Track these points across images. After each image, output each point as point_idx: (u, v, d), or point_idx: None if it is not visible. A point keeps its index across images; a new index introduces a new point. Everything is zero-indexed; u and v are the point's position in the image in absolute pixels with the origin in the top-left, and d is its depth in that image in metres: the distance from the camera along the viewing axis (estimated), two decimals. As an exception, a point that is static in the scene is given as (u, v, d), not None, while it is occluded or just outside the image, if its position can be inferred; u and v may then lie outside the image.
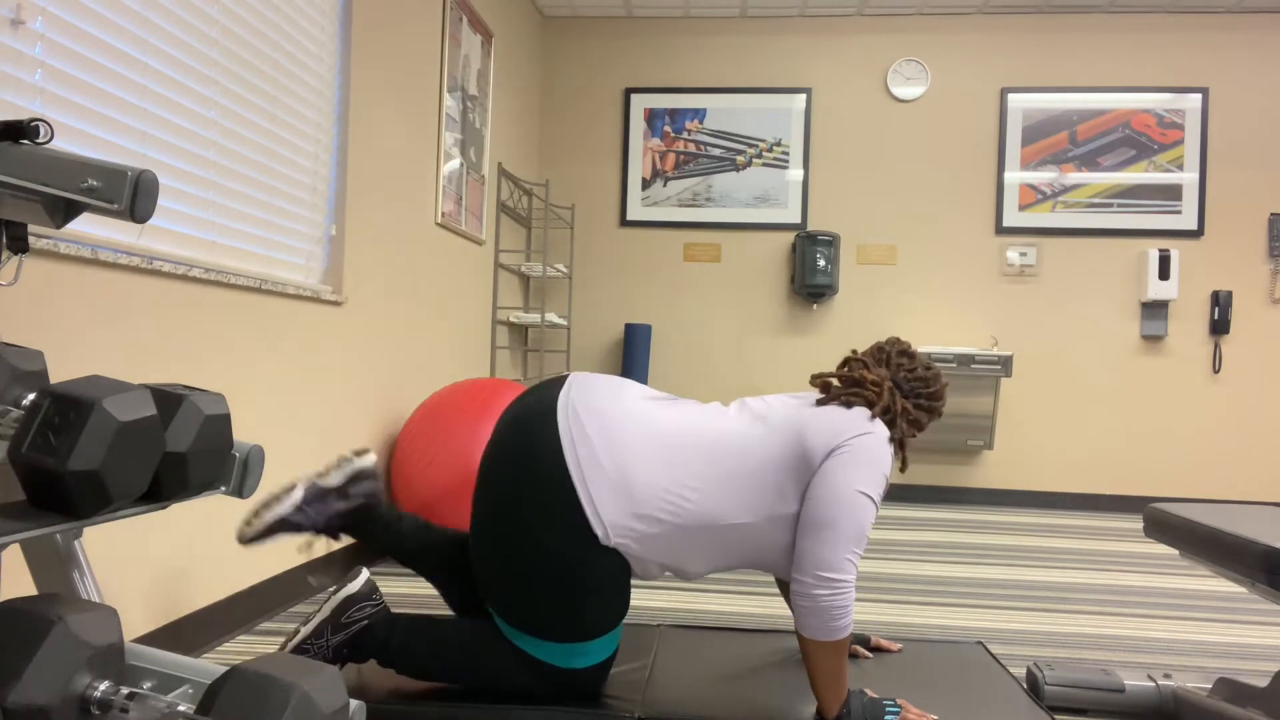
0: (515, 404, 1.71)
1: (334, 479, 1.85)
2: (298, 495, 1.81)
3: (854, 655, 2.08)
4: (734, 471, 1.62)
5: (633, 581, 3.15)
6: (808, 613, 1.56)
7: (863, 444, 1.62)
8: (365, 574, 1.79)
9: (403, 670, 1.75)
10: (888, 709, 1.65)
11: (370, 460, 1.89)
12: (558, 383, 1.70)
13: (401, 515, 1.89)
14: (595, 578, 1.58)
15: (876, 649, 2.13)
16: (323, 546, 2.87)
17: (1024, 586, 3.25)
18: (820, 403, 1.71)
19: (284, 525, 1.79)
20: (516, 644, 1.67)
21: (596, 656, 1.67)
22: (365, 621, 1.74)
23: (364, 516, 1.86)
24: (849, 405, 1.70)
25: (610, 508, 1.57)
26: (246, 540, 1.78)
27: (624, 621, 1.78)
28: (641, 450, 1.60)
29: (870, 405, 1.70)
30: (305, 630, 1.72)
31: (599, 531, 1.56)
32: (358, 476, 1.87)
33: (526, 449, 1.60)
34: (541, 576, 1.58)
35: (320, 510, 1.82)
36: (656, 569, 1.68)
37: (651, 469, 1.59)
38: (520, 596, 1.61)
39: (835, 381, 1.76)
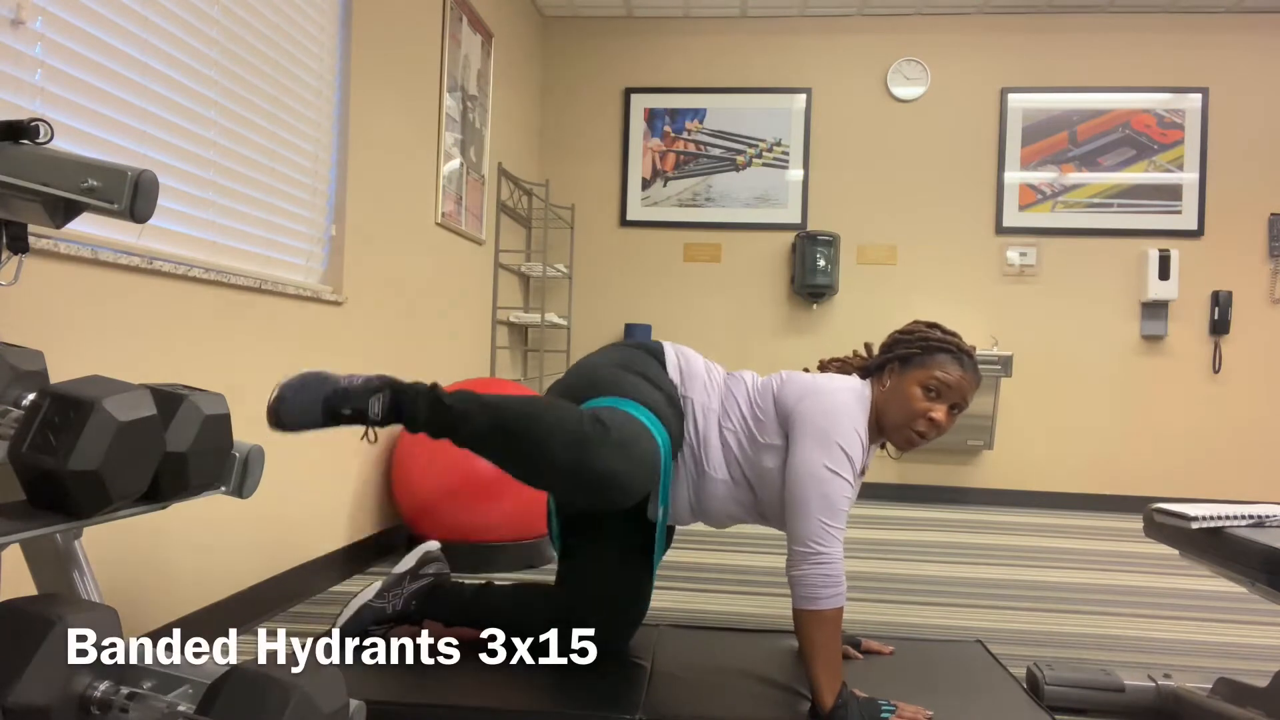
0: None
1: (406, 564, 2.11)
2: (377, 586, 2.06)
3: (846, 657, 2.07)
4: (731, 390, 1.99)
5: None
6: (796, 582, 1.70)
7: (822, 409, 1.81)
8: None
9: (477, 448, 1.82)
10: (883, 708, 1.66)
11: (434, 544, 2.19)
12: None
13: (464, 585, 2.12)
14: (659, 389, 1.92)
15: (868, 652, 2.13)
16: (322, 546, 2.87)
17: (1024, 586, 3.25)
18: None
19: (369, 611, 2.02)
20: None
21: (640, 443, 1.77)
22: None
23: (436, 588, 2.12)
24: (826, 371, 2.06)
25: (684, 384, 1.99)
26: (341, 627, 2.00)
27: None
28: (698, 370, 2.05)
29: (847, 371, 2.02)
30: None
31: (675, 380, 1.97)
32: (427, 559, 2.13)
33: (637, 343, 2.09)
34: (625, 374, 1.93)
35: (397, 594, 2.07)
36: (686, 508, 1.95)
37: (700, 385, 2.00)
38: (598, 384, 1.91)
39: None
